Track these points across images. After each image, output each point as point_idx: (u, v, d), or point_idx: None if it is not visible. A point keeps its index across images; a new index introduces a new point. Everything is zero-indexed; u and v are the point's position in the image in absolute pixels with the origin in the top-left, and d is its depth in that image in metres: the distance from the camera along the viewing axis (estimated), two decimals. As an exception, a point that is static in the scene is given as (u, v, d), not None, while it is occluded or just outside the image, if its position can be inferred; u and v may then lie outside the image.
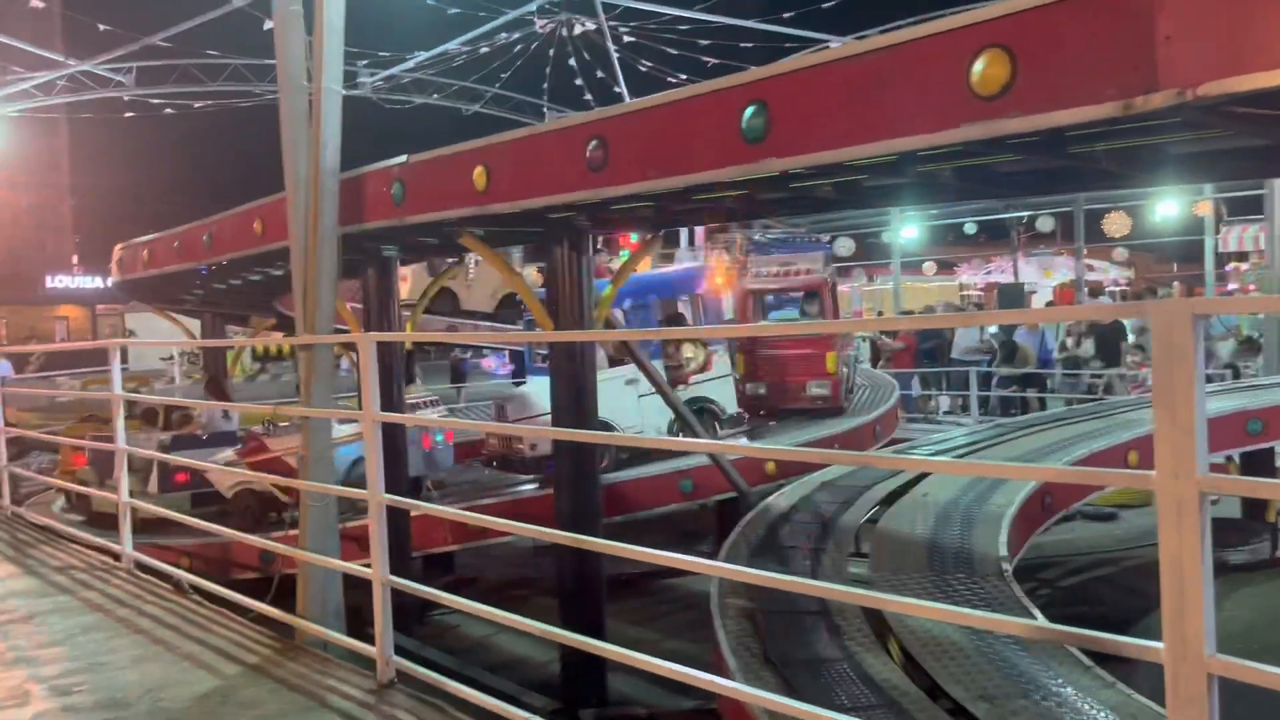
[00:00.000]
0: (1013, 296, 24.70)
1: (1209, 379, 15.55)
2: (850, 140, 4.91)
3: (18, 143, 46.32)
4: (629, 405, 12.98)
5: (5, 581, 6.83)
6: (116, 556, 7.14)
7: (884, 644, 6.02)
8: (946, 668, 5.49)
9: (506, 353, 22.62)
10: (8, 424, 10.06)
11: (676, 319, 14.22)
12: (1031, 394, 17.94)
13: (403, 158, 8.62)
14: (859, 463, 8.40)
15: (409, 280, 19.00)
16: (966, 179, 6.16)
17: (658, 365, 11.97)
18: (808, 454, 4.69)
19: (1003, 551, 7.41)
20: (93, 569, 7.09)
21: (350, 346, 13.89)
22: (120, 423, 7.24)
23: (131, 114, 25.35)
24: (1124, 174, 5.99)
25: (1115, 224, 27.15)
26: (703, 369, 13.35)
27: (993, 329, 19.58)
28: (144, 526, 9.36)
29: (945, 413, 19.77)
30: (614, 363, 12.53)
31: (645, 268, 26.19)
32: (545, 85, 30.32)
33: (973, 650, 5.71)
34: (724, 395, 13.84)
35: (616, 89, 27.29)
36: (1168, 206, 25.99)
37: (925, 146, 4.63)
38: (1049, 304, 28.93)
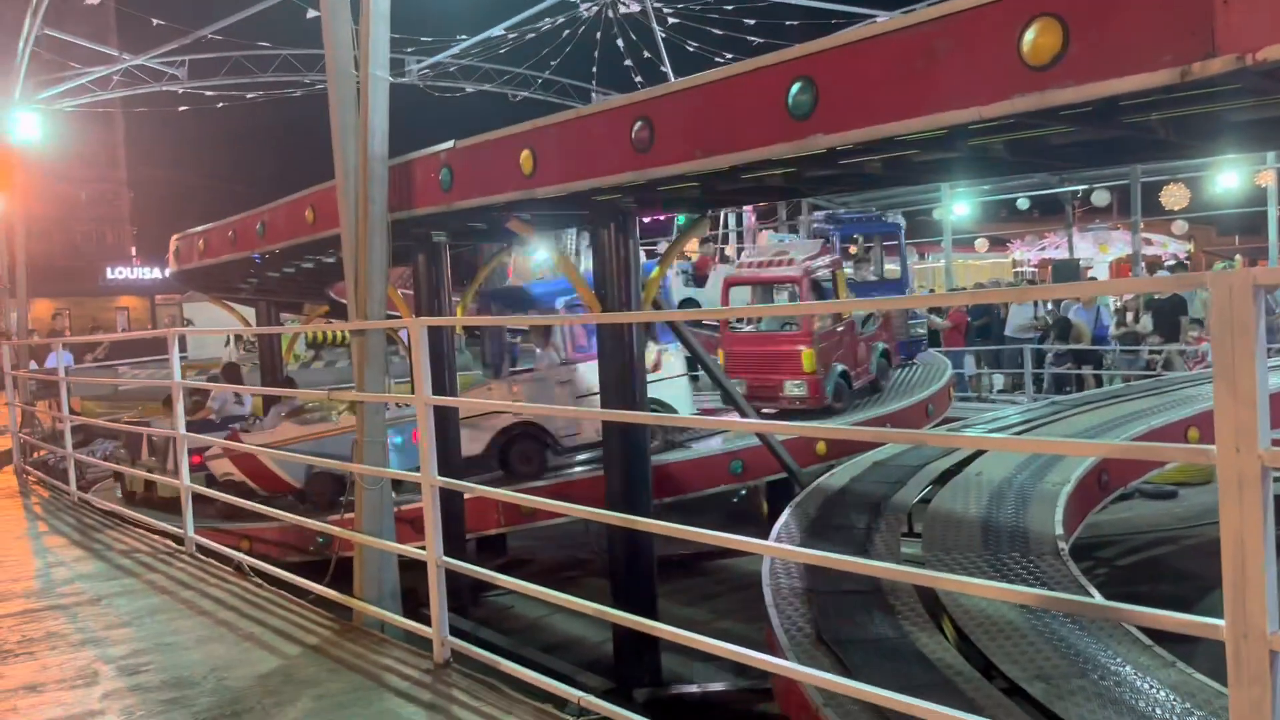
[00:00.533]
0: (1068, 273, 24.25)
1: (1271, 353, 15.18)
2: (899, 115, 4.83)
3: (76, 138, 47.24)
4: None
5: (73, 565, 7.03)
6: (179, 540, 7.31)
7: (938, 623, 5.98)
8: (1002, 647, 5.44)
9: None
10: (72, 413, 10.35)
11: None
12: (1087, 371, 17.63)
13: (449, 143, 8.67)
14: (913, 441, 8.34)
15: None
16: (1019, 152, 6.05)
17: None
18: (861, 433, 4.67)
19: (1059, 530, 7.32)
20: (157, 552, 7.27)
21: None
22: (180, 409, 7.41)
23: (185, 107, 25.76)
24: (1181, 144, 5.84)
25: (1173, 196, 26.53)
26: (653, 369, 12.34)
27: (1048, 306, 19.26)
28: (171, 507, 9.62)
29: (999, 391, 19.52)
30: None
31: (692, 249, 26.19)
32: (594, 69, 30.21)
33: (1028, 629, 5.65)
34: (677, 397, 12.89)
35: (663, 69, 27.13)
36: (1228, 177, 25.35)
37: (976, 120, 4.54)
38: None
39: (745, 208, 31.01)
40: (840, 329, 13.62)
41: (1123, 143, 5.88)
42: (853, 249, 20.24)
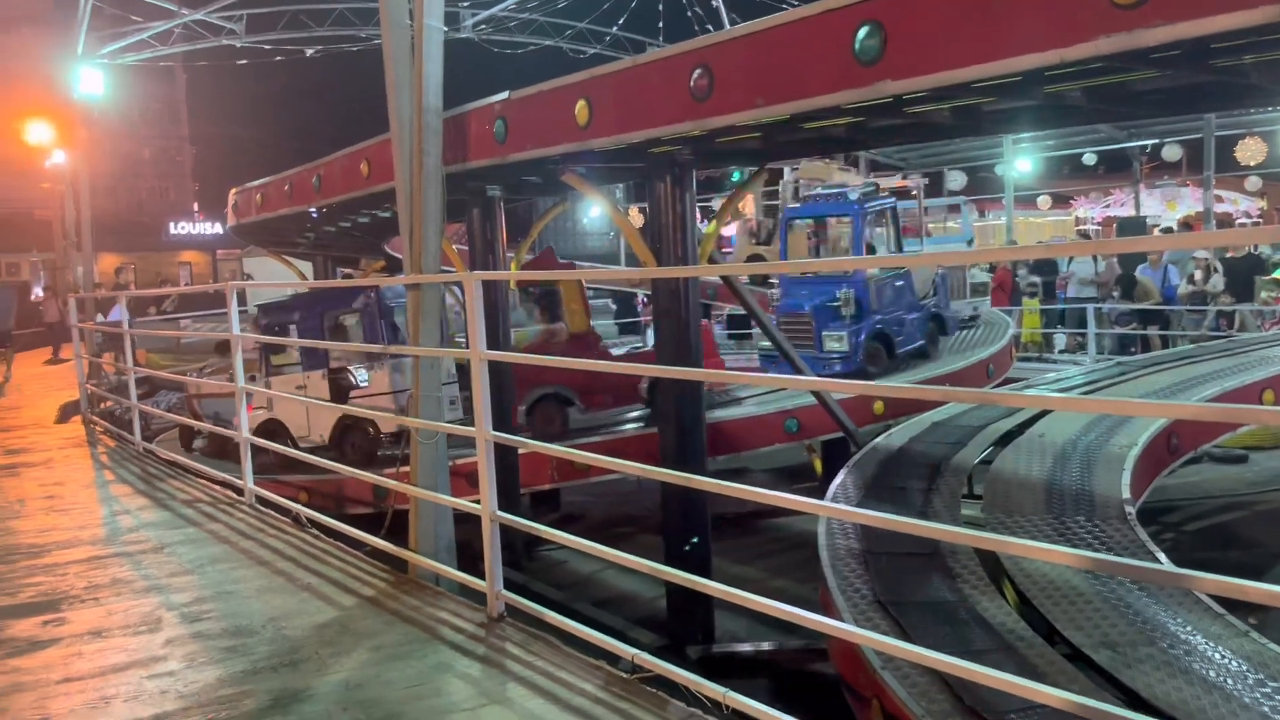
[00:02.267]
0: (1134, 230, 23.57)
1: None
2: (972, 59, 4.63)
3: (139, 94, 47.97)
4: None
5: (138, 514, 7.15)
6: (239, 491, 7.39)
7: (999, 587, 5.86)
8: (1066, 612, 5.32)
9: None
10: (136, 365, 10.52)
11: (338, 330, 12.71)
12: (1153, 332, 17.15)
13: (504, 94, 8.57)
14: (976, 400, 8.13)
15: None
16: (1097, 99, 5.79)
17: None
18: (923, 391, 4.52)
19: (1125, 494, 7.13)
20: (218, 503, 7.37)
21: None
22: (239, 362, 7.47)
23: (243, 61, 25.86)
24: (1273, 89, 5.55)
25: (1249, 151, 25.53)
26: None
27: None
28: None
29: (1060, 351, 19.11)
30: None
31: (748, 205, 25.88)
32: (660, 25, 29.56)
33: (1093, 594, 5.51)
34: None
35: (732, 16, 26.46)
36: (1310, 130, 24.35)
37: (1056, 63, 4.33)
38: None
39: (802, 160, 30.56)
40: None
41: (1209, 88, 5.61)
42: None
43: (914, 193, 17.17)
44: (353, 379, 12.16)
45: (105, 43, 21.59)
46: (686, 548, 8.94)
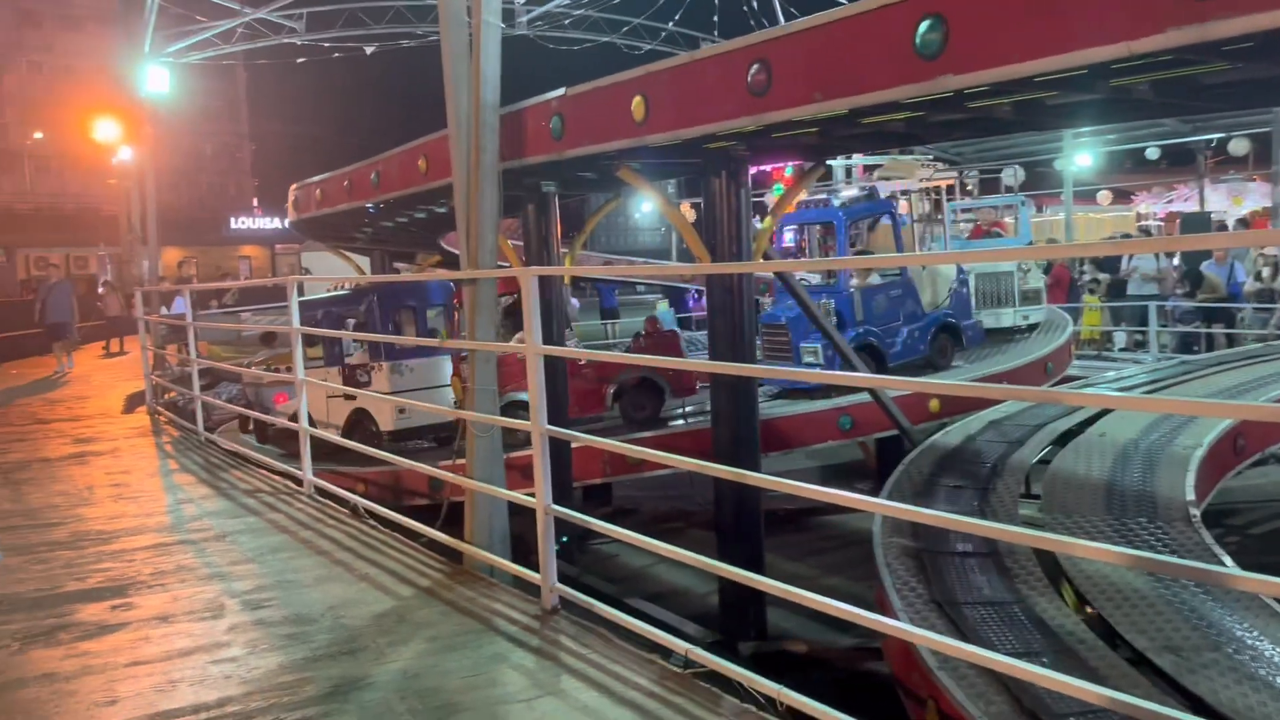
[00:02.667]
0: (1198, 226, 23.01)
1: None
2: (1037, 52, 4.55)
3: (201, 91, 48.90)
4: None
5: (201, 502, 7.30)
6: (299, 481, 7.51)
7: (1057, 589, 5.78)
8: (1128, 615, 5.23)
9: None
10: (198, 357, 10.74)
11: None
12: (1218, 330, 16.74)
13: (561, 91, 8.60)
14: (1037, 399, 8.02)
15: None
16: (1165, 93, 5.66)
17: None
18: (983, 389, 4.43)
19: (1190, 495, 6.98)
20: (277, 492, 7.49)
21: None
22: (299, 354, 7.58)
23: (302, 59, 26.23)
24: (1348, 83, 5.40)
25: (1320, 145, 24.80)
26: None
27: (1174, 260, 18.33)
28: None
29: (1121, 349, 18.74)
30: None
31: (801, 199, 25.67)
32: (715, 19, 29.39)
33: (1156, 598, 5.41)
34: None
35: (790, 10, 26.20)
36: (1384, 124, 23.55)
37: (1124, 56, 4.24)
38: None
39: (855, 157, 30.26)
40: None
41: (1280, 81, 5.47)
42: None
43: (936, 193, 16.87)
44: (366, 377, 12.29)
45: (170, 41, 22.02)
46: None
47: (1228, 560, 5.87)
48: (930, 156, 18.12)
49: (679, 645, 3.92)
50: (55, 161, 51.36)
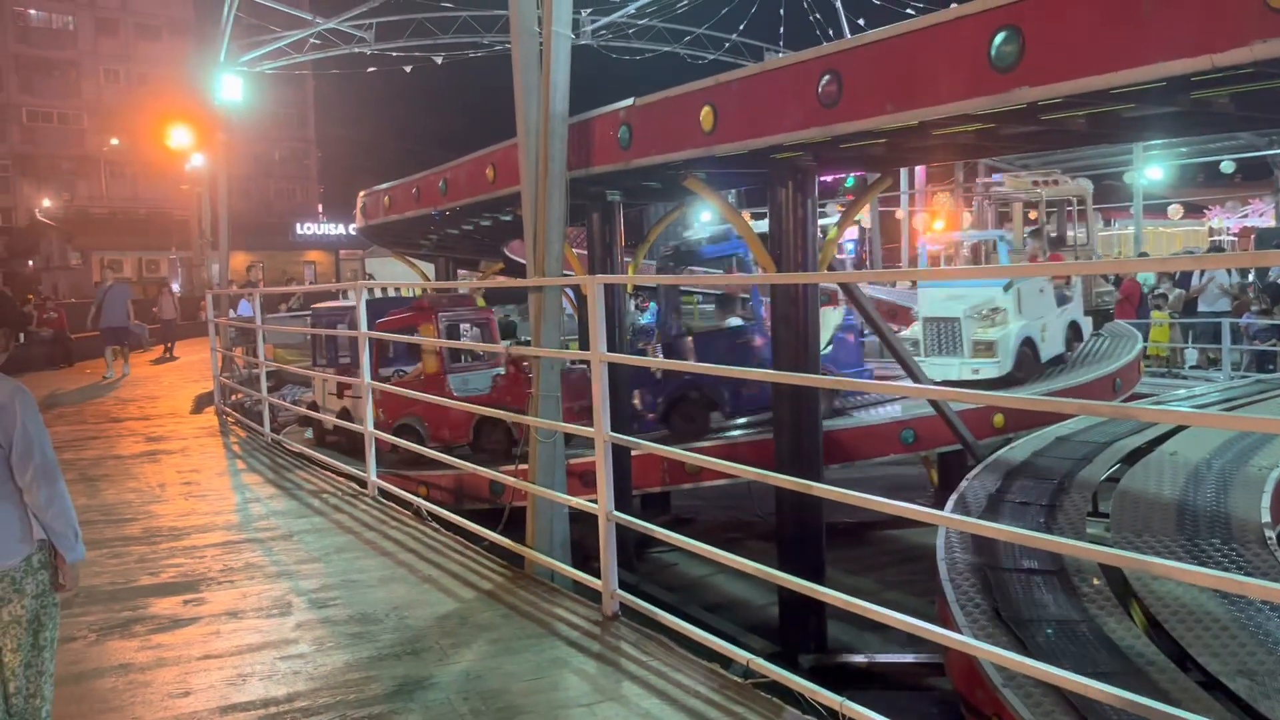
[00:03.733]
0: (1274, 242, 22.42)
1: None
2: (1115, 65, 4.49)
3: (270, 99, 49.87)
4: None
5: (268, 502, 7.45)
6: (363, 483, 7.63)
7: (1126, 609, 5.66)
8: (1200, 638, 5.10)
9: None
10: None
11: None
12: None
13: (629, 100, 8.65)
14: (1110, 414, 7.86)
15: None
16: (1247, 106, 5.54)
17: None
18: (1052, 403, 4.34)
19: (1265, 518, 6.79)
20: (342, 494, 7.62)
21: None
22: (365, 359, 7.70)
23: (372, 69, 26.71)
24: None
25: (1402, 159, 24.08)
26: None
27: (1249, 277, 17.88)
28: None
29: (1192, 367, 18.31)
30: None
31: (864, 212, 25.50)
32: (780, 29, 29.36)
33: (1229, 621, 5.28)
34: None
35: (857, 22, 26.02)
36: None
37: (1207, 69, 4.16)
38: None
39: (918, 168, 29.97)
40: None
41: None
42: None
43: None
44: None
45: (244, 51, 22.56)
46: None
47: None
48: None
49: (740, 655, 3.92)
50: (130, 167, 52.80)
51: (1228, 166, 27.73)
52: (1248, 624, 5.22)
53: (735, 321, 13.19)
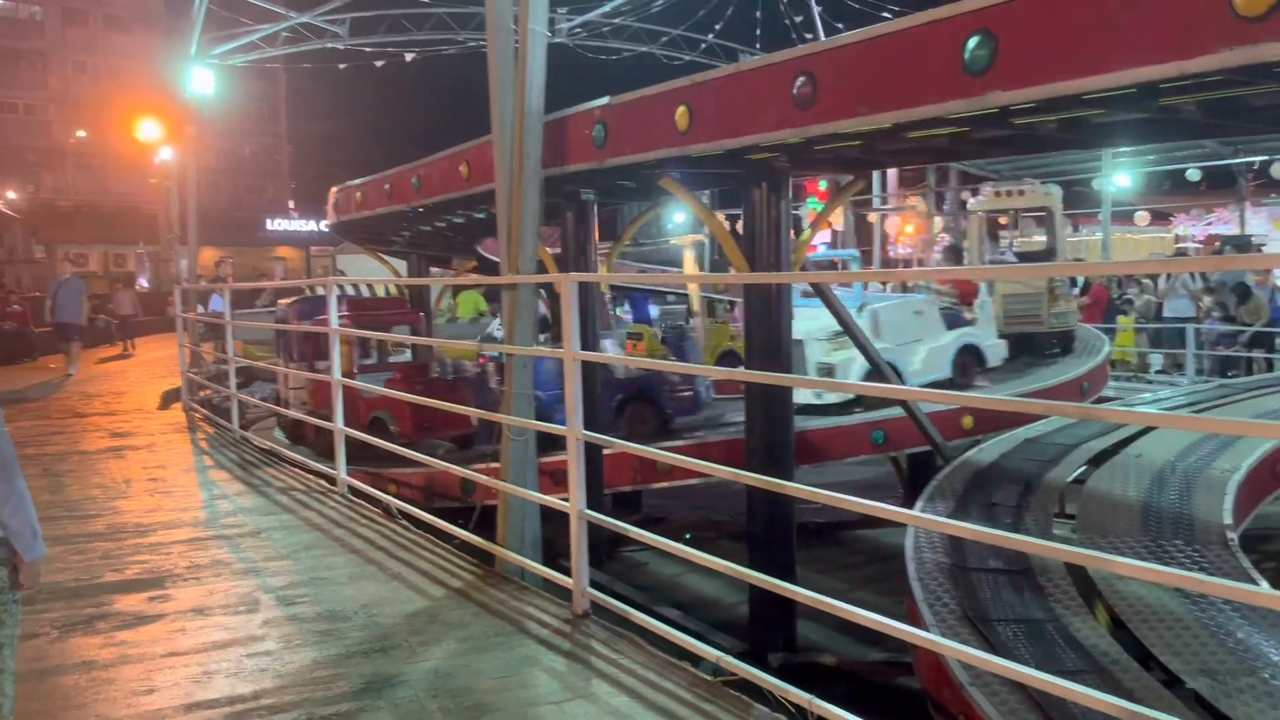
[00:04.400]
0: (1238, 250, 22.75)
1: None
2: (1087, 70, 4.54)
3: (241, 93, 49.44)
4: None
5: (235, 499, 7.38)
6: (332, 480, 7.58)
7: (1091, 609, 5.73)
8: (1162, 637, 5.18)
9: None
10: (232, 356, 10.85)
11: None
12: (1258, 355, 16.53)
13: (605, 99, 8.64)
14: (1079, 415, 7.92)
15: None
16: (1214, 113, 5.62)
17: None
18: (1021, 404, 4.39)
19: (1227, 519, 6.90)
20: (311, 491, 7.56)
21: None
22: (336, 356, 7.65)
23: (345, 65, 26.50)
24: (1398, 107, 5.34)
25: (1364, 170, 24.48)
26: None
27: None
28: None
29: (1157, 371, 18.57)
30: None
31: (838, 217, 25.61)
32: (757, 32, 29.37)
33: (1191, 620, 5.36)
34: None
35: (835, 26, 26.07)
36: None
37: (1176, 76, 4.22)
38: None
39: (890, 171, 30.13)
40: None
41: (1331, 105, 5.41)
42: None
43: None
44: None
45: (215, 44, 22.33)
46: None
47: (1264, 584, 5.79)
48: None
49: (710, 653, 3.93)
50: (97, 160, 52.14)
51: (1194, 175, 28.10)
52: (1209, 624, 5.30)
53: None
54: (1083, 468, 8.53)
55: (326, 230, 25.36)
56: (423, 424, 11.95)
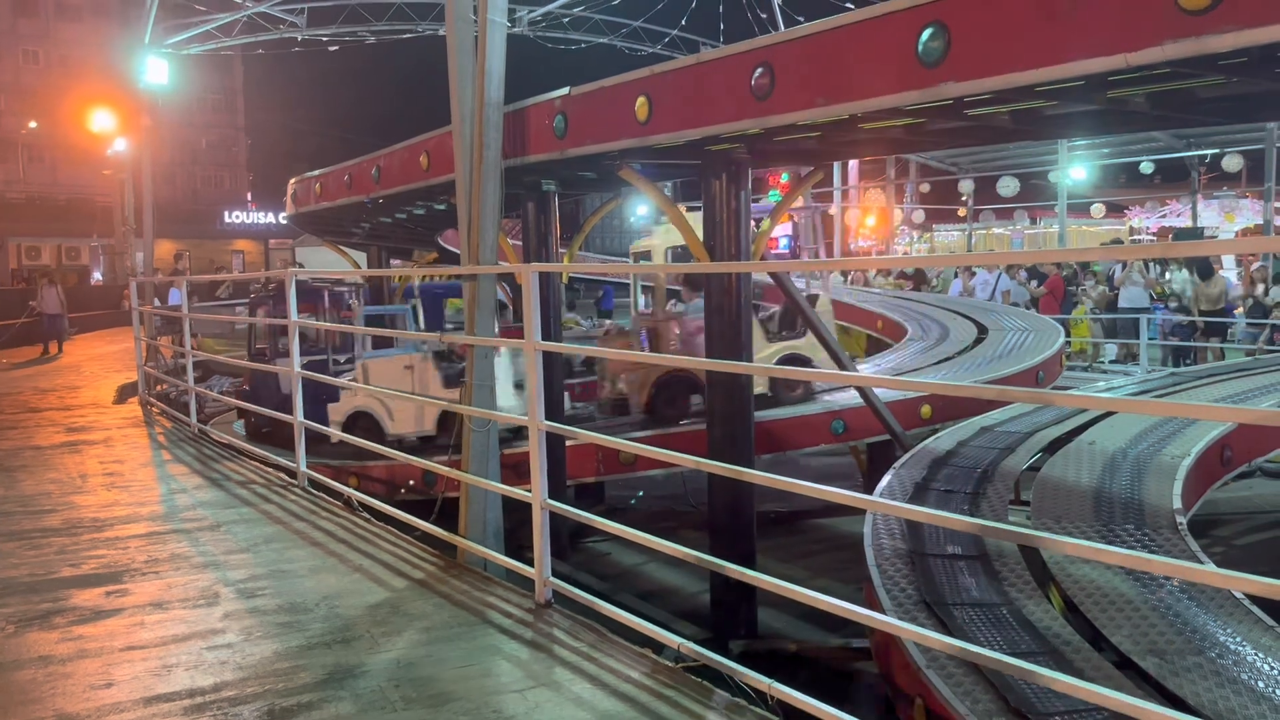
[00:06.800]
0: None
1: None
2: (1037, 62, 4.61)
3: (198, 84, 48.82)
4: None
5: (194, 492, 7.32)
6: (292, 474, 7.53)
7: (1045, 592, 5.83)
8: (1113, 619, 5.28)
9: None
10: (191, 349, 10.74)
11: None
12: (1210, 344, 16.87)
13: (565, 89, 8.63)
14: (1035, 400, 8.05)
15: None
16: (1160, 105, 5.73)
17: None
18: (980, 390, 4.48)
19: (1177, 504, 7.04)
20: (271, 484, 7.51)
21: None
22: (295, 346, 7.60)
23: (298, 49, 26.18)
24: (1339, 100, 5.48)
25: (1312, 162, 24.94)
26: None
27: (1167, 275, 18.47)
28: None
29: (1111, 361, 18.89)
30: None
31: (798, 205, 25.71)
32: (721, 26, 29.39)
33: (1141, 602, 5.47)
34: None
35: (798, 18, 26.17)
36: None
37: (1122, 68, 4.30)
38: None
39: (852, 163, 30.34)
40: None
41: (1275, 96, 5.53)
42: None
43: None
44: None
45: (170, 33, 22.01)
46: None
47: (1211, 566, 5.93)
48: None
49: (671, 639, 3.97)
50: (49, 152, 51.24)
51: (1147, 167, 28.57)
52: (1158, 605, 5.42)
53: None
54: (1038, 455, 8.66)
55: (285, 222, 25.08)
56: None
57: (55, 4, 52.16)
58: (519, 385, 11.73)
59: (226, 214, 56.20)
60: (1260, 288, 16.98)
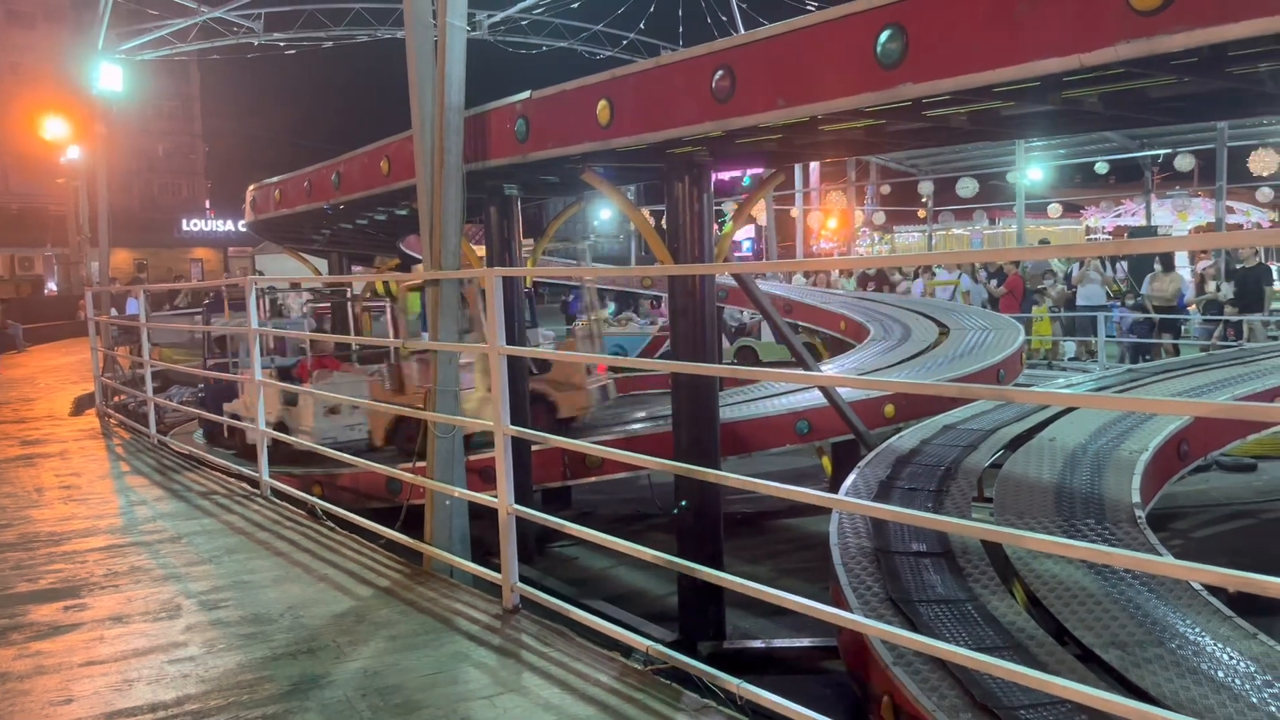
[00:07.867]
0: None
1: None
2: (993, 63, 4.67)
3: (154, 90, 48.20)
4: None
5: (154, 504, 7.22)
6: (255, 483, 7.45)
7: (1009, 587, 5.90)
8: (1075, 612, 5.35)
9: None
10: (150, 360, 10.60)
11: None
12: (1166, 341, 17.16)
13: (526, 93, 8.62)
14: (998, 398, 8.14)
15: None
16: (1114, 105, 5.83)
17: None
18: (944, 388, 4.52)
19: (1136, 498, 7.15)
20: (233, 494, 7.42)
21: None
22: (257, 355, 7.53)
23: (254, 54, 25.94)
24: (1287, 99, 5.60)
25: (1261, 162, 25.42)
26: None
27: (1123, 274, 18.76)
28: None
29: (1070, 359, 19.15)
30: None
31: (760, 210, 25.85)
32: (680, 30, 29.44)
33: (1103, 595, 5.55)
34: None
35: (760, 20, 26.30)
36: (1323, 142, 24.26)
37: (1076, 68, 4.37)
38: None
39: (814, 165, 30.54)
40: None
41: (1225, 96, 5.65)
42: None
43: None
44: None
45: (124, 39, 21.71)
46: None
47: (1168, 556, 6.03)
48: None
49: (640, 642, 3.97)
50: (1, 159, 50.39)
51: (1102, 168, 29.00)
52: (1119, 599, 5.50)
53: None
54: (1000, 452, 8.75)
55: (244, 230, 24.81)
56: None
57: (6, 9, 51.32)
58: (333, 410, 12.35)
59: (184, 222, 55.57)
60: (1212, 285, 17.29)
